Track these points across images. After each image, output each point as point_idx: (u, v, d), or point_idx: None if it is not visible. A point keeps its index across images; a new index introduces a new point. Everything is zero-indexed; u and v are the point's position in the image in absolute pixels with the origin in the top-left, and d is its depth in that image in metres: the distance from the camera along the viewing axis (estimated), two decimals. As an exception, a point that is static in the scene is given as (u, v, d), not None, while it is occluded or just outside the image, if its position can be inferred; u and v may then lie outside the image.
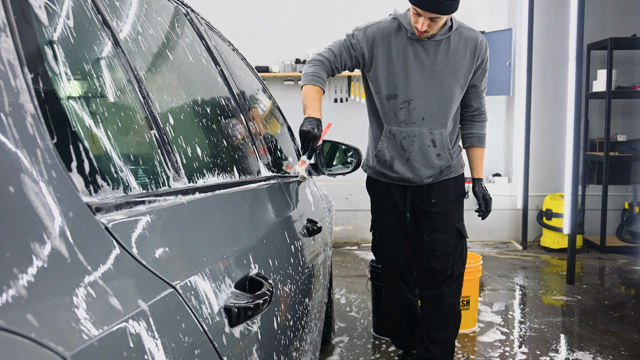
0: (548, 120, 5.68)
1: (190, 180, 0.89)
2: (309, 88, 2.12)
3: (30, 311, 0.42)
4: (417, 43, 2.13)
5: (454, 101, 2.20)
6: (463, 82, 2.19)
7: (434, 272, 2.30)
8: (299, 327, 1.25)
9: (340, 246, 5.48)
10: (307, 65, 2.21)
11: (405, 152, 2.22)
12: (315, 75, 2.14)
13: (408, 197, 2.31)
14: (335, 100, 5.58)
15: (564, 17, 5.27)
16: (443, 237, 2.28)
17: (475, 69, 2.21)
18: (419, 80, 2.15)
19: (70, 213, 0.52)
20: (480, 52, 2.20)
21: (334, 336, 3.14)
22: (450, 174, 2.30)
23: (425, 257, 2.31)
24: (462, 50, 2.17)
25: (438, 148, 2.22)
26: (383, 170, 2.31)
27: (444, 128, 2.21)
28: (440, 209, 2.29)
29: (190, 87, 1.22)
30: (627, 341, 3.08)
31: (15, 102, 0.50)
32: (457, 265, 2.30)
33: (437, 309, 2.35)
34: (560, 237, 5.27)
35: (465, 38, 2.18)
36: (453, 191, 2.32)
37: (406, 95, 2.16)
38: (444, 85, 2.16)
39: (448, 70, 2.16)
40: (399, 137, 2.21)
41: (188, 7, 1.49)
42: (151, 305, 0.57)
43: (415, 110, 2.17)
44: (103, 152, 0.67)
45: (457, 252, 2.30)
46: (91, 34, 0.77)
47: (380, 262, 2.50)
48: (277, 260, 1.12)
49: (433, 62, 2.14)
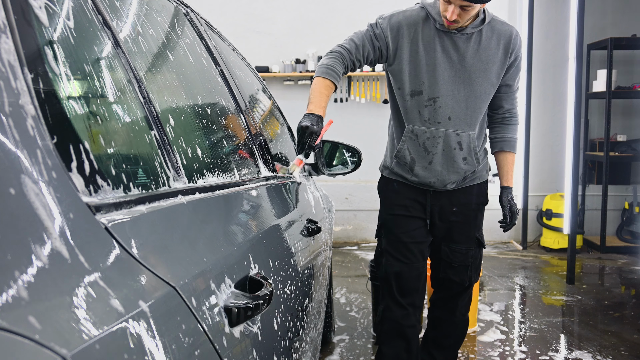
0: (548, 120, 5.69)
1: (190, 180, 0.89)
2: (318, 81, 1.93)
3: (30, 311, 0.42)
4: (446, 36, 1.95)
5: (484, 101, 2.02)
6: (495, 81, 2.01)
7: (450, 283, 2.15)
8: (299, 327, 1.25)
9: (340, 246, 5.48)
10: (324, 56, 2.01)
11: (428, 155, 2.02)
12: (330, 68, 1.93)
13: (428, 202, 2.10)
14: (335, 100, 5.58)
15: (564, 17, 5.27)
16: (462, 248, 2.11)
17: (508, 66, 2.02)
18: (447, 77, 1.96)
19: (70, 213, 0.52)
20: (514, 48, 2.01)
21: (334, 336, 3.14)
22: (475, 180, 2.12)
23: (442, 267, 2.14)
24: (494, 46, 1.98)
25: (464, 151, 2.02)
26: (402, 172, 2.10)
27: (472, 130, 2.02)
28: (461, 218, 2.11)
29: (190, 87, 1.22)
30: (627, 341, 3.08)
31: (15, 103, 0.50)
32: (475, 276, 2.17)
33: (447, 319, 2.23)
34: (560, 237, 5.28)
35: (499, 32, 1.99)
36: (476, 199, 2.14)
37: (432, 92, 1.97)
38: (473, 82, 1.98)
39: (479, 67, 1.97)
40: (422, 138, 2.01)
41: (188, 7, 1.49)
42: (151, 305, 0.57)
43: (441, 109, 1.98)
44: (103, 152, 0.67)
45: (475, 263, 2.15)
46: (91, 34, 0.77)
47: (382, 274, 2.19)
48: (277, 260, 1.12)
49: (463, 57, 1.96)
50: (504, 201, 2.15)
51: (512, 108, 2.13)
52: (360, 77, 5.55)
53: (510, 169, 2.16)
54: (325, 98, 1.89)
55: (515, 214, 2.14)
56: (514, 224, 2.16)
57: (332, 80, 1.93)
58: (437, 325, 2.26)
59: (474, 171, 2.08)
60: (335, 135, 3.37)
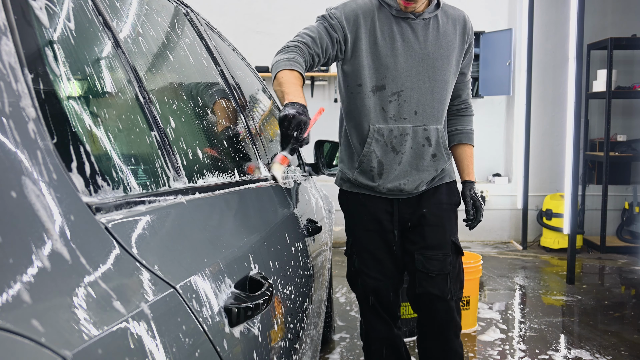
0: (548, 120, 5.69)
1: (190, 180, 0.89)
2: (285, 74, 1.62)
3: (31, 311, 0.42)
4: (404, 22, 1.79)
5: (449, 90, 1.87)
6: (455, 69, 1.87)
7: (430, 298, 1.89)
8: (299, 326, 1.25)
9: (340, 246, 5.48)
10: (277, 53, 1.72)
11: (397, 155, 1.84)
12: (292, 60, 1.66)
13: (395, 211, 1.91)
14: (335, 100, 5.58)
15: (564, 17, 5.27)
16: (438, 254, 1.88)
17: (464, 52, 1.89)
18: (409, 67, 1.80)
19: (70, 213, 0.52)
20: (468, 33, 1.89)
21: (334, 335, 3.14)
22: (444, 178, 1.95)
23: (419, 280, 1.89)
24: (451, 31, 1.85)
25: (433, 147, 1.87)
26: (367, 182, 1.88)
27: (439, 124, 1.87)
28: (433, 220, 1.90)
29: (190, 87, 1.22)
30: (627, 341, 3.08)
31: (15, 103, 0.50)
32: (455, 289, 1.90)
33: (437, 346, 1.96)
34: (560, 237, 5.28)
35: (453, 17, 1.86)
36: (446, 199, 1.95)
37: (395, 85, 1.80)
38: (437, 71, 1.82)
39: (441, 54, 1.82)
40: (389, 137, 1.82)
41: (188, 7, 1.50)
42: (151, 306, 0.57)
43: (406, 103, 1.81)
44: (103, 153, 0.67)
45: (454, 272, 1.91)
46: (91, 34, 0.77)
47: (359, 293, 2.00)
48: (277, 260, 1.12)
49: (424, 45, 1.80)
50: (466, 196, 2.00)
51: (468, 98, 2.01)
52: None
53: (470, 162, 2.02)
54: (300, 89, 1.60)
55: (479, 209, 1.98)
56: (480, 220, 2.00)
57: (300, 72, 1.65)
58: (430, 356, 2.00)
59: (444, 169, 1.93)
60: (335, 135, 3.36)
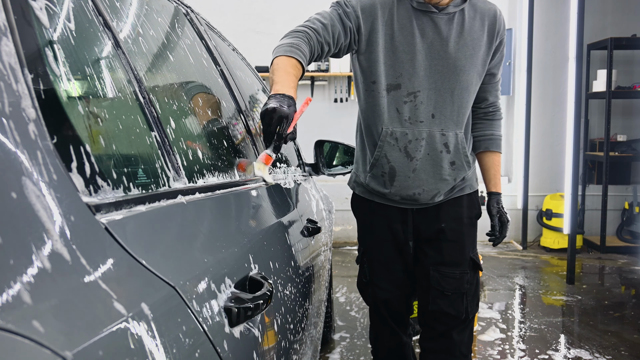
0: (548, 120, 5.69)
1: (190, 180, 0.89)
2: (280, 60, 1.47)
3: (30, 311, 0.42)
4: (425, 16, 1.63)
5: (472, 93, 1.71)
6: (481, 69, 1.70)
7: (442, 316, 1.76)
8: (299, 327, 1.25)
9: (340, 246, 5.48)
10: (283, 37, 1.57)
11: (411, 161, 1.68)
12: (294, 47, 1.50)
13: (410, 222, 1.78)
14: (335, 100, 5.58)
15: (564, 17, 5.27)
16: (455, 272, 1.75)
17: (493, 51, 1.72)
18: (428, 66, 1.65)
19: (70, 213, 0.52)
20: (499, 29, 1.71)
21: (334, 335, 3.14)
22: (465, 189, 1.79)
23: (432, 297, 1.76)
24: (478, 27, 1.68)
25: (452, 154, 1.70)
26: (379, 188, 1.76)
27: (459, 128, 1.70)
28: (452, 235, 1.76)
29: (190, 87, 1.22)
30: (627, 341, 3.08)
31: (15, 103, 0.50)
32: (472, 307, 1.78)
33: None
34: (560, 237, 5.28)
35: (482, 11, 1.69)
36: (467, 212, 1.79)
37: (412, 85, 1.65)
38: (459, 71, 1.66)
39: (464, 53, 1.66)
40: (403, 142, 1.67)
41: (188, 7, 1.50)
42: (151, 305, 0.57)
43: (422, 105, 1.66)
44: (103, 153, 0.67)
45: (472, 289, 1.78)
46: (91, 34, 0.77)
47: (370, 302, 1.92)
48: (277, 261, 1.12)
49: (446, 41, 1.64)
50: (492, 210, 1.83)
51: (496, 101, 1.84)
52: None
53: (497, 172, 1.85)
54: (294, 78, 1.44)
55: (505, 224, 1.83)
56: (505, 236, 1.84)
57: (299, 60, 1.48)
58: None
59: (464, 178, 1.77)
60: (335, 135, 3.37)
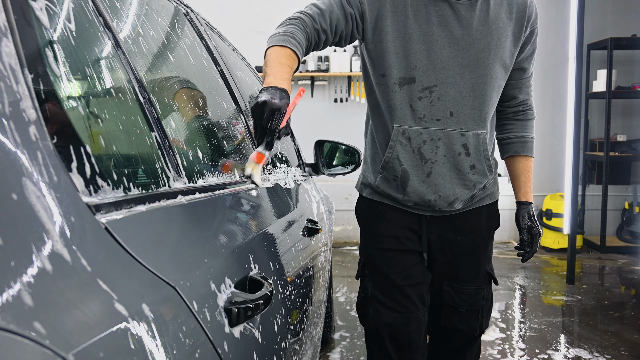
0: (548, 120, 5.69)
1: (190, 180, 0.89)
2: (274, 51, 1.35)
3: (30, 311, 0.42)
4: (443, 2, 1.45)
5: (496, 89, 1.52)
6: (508, 62, 1.52)
7: (455, 333, 1.64)
8: (299, 327, 1.25)
9: (340, 246, 5.48)
10: (278, 25, 1.46)
11: (425, 164, 1.50)
12: (289, 35, 1.38)
13: (424, 230, 1.58)
14: (335, 100, 5.58)
15: (564, 17, 5.27)
16: (471, 288, 1.61)
17: (523, 43, 1.53)
18: (447, 57, 1.46)
19: (70, 213, 0.52)
20: (530, 19, 1.52)
21: (334, 335, 3.14)
22: (484, 199, 1.61)
23: (446, 313, 1.63)
24: (505, 15, 1.48)
25: (472, 157, 1.51)
26: (390, 191, 1.56)
27: (481, 128, 1.51)
28: (469, 249, 1.60)
29: (190, 87, 1.22)
30: (627, 341, 3.08)
31: (16, 104, 0.50)
32: (486, 322, 1.67)
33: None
34: (560, 237, 5.28)
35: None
36: (486, 224, 1.63)
37: (427, 79, 1.46)
38: (481, 64, 1.47)
39: (488, 44, 1.47)
40: (417, 142, 1.49)
41: (188, 7, 1.50)
42: (151, 306, 0.57)
43: (440, 102, 1.47)
44: (103, 153, 0.67)
45: (487, 305, 1.65)
46: (91, 34, 0.77)
47: (370, 326, 1.61)
48: (278, 261, 1.12)
49: (467, 30, 1.45)
50: (522, 221, 1.64)
51: (528, 99, 1.65)
52: (361, 77, 5.54)
53: (528, 178, 1.67)
54: (288, 69, 1.32)
55: (536, 238, 1.64)
56: (535, 251, 1.66)
57: (294, 50, 1.36)
58: None
59: (485, 186, 1.58)
60: (335, 135, 3.37)
